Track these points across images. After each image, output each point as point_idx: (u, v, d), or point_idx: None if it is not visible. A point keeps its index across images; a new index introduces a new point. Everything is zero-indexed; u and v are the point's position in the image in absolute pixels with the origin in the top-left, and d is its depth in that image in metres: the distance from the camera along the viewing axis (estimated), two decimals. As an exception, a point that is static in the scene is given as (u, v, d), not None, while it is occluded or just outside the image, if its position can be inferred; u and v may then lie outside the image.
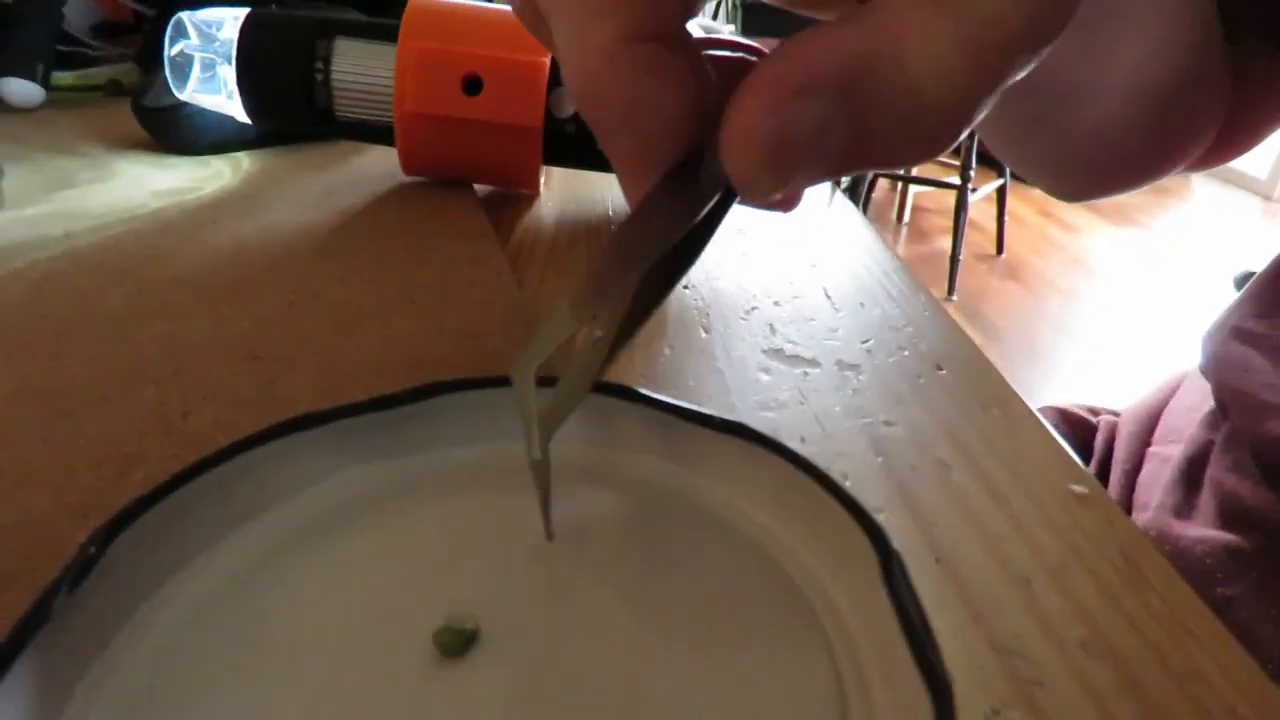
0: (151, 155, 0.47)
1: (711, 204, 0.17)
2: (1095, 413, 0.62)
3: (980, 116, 0.15)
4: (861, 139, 0.15)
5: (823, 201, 0.45)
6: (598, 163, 0.42)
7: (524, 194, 0.44)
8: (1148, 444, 0.55)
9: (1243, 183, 3.66)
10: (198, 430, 0.24)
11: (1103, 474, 0.56)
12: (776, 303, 0.33)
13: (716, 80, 0.18)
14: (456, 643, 0.16)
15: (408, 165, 0.41)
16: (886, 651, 0.15)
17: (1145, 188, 0.46)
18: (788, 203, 0.20)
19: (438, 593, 0.18)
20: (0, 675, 0.14)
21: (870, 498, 0.22)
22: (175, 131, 0.46)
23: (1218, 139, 0.43)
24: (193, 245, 0.36)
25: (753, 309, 0.33)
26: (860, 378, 0.28)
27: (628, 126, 0.17)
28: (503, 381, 0.22)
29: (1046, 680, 0.17)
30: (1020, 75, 0.15)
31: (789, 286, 0.35)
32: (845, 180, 2.50)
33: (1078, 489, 0.23)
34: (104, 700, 0.15)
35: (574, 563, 0.18)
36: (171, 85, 0.43)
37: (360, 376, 0.27)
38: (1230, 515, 0.43)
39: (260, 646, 0.16)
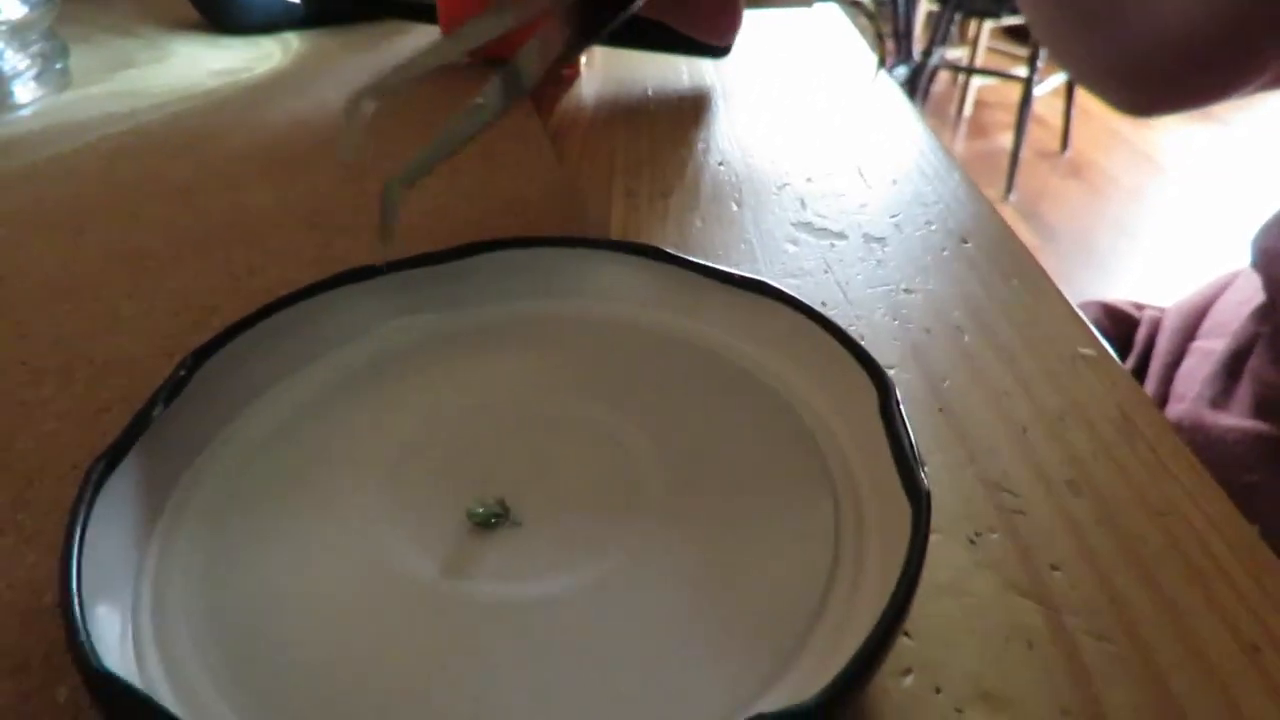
0: (205, 36, 0.48)
1: None
2: (1141, 308, 0.61)
3: None
4: None
5: (866, 80, 0.45)
6: (638, 42, 0.42)
7: (564, 73, 0.45)
8: (1191, 338, 0.54)
9: (1338, 75, 3.40)
10: (263, 287, 0.26)
11: (1142, 368, 0.55)
12: (809, 179, 0.34)
13: None
14: (486, 515, 0.17)
15: (451, 44, 0.42)
16: (878, 473, 0.17)
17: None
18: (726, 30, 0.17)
19: (476, 434, 0.20)
20: (114, 465, 0.16)
21: (884, 356, 0.24)
22: (226, 11, 0.47)
23: None
24: (250, 122, 0.38)
25: (785, 185, 0.33)
26: (885, 249, 0.29)
27: None
28: (541, 242, 0.24)
29: (1029, 511, 0.19)
30: None
31: (823, 164, 0.35)
32: (904, 72, 2.38)
33: (1086, 351, 0.24)
34: (192, 504, 0.18)
35: (603, 410, 0.20)
36: (221, -36, 0.43)
37: (410, 241, 0.29)
38: (1266, 406, 0.43)
39: (319, 468, 0.19)
